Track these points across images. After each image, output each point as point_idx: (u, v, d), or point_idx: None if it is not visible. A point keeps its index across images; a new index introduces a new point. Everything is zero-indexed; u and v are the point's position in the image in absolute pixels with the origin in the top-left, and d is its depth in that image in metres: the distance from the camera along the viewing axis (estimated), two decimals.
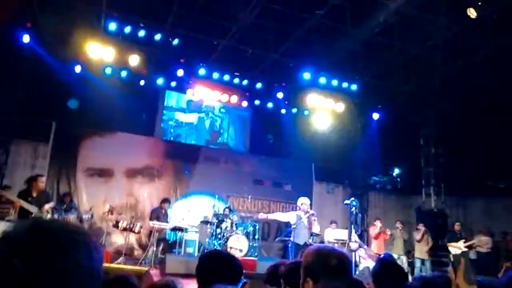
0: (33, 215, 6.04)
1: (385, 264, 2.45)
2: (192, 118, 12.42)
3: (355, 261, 10.27)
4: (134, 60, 10.07)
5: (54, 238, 0.80)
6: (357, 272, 9.20)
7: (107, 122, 10.41)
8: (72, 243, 0.81)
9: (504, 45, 8.81)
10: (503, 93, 10.26)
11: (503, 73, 9.73)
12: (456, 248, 9.76)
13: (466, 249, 9.78)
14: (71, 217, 7.92)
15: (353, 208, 7.00)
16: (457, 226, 9.95)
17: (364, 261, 10.17)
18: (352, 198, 7.38)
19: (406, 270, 10.17)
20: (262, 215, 8.35)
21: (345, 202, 7.43)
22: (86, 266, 0.80)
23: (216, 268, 1.86)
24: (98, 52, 9.62)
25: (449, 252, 10.25)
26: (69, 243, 0.80)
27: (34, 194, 6.25)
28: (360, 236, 12.74)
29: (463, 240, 9.74)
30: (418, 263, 10.47)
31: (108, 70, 10.41)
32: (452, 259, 9.49)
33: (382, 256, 9.36)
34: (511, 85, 9.87)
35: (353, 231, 7.69)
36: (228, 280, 1.80)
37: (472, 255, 10.11)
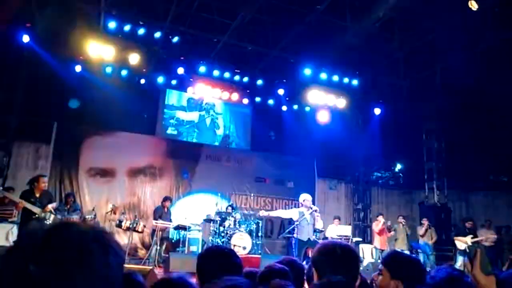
0: (36, 216, 6.04)
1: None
2: (193, 116, 12.40)
3: (359, 257, 10.31)
4: (134, 58, 10.03)
5: (70, 245, 0.79)
6: (361, 268, 9.21)
7: (108, 121, 10.39)
8: (88, 250, 0.79)
9: (504, 38, 8.76)
10: (505, 86, 10.21)
11: (503, 66, 9.68)
12: (463, 242, 9.74)
13: (471, 244, 9.76)
14: (74, 218, 7.91)
15: None
16: (468, 224, 9.92)
17: (369, 256, 10.18)
18: None
19: None
20: (263, 213, 8.31)
21: None
22: (102, 274, 0.80)
23: (216, 262, 1.85)
24: (98, 51, 9.58)
25: (454, 246, 10.23)
26: (85, 250, 0.79)
27: (37, 195, 6.23)
28: (364, 232, 12.79)
29: (471, 236, 9.71)
30: (422, 258, 10.45)
31: (108, 69, 10.39)
32: (467, 251, 9.47)
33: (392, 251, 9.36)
34: None
35: None
36: (229, 274, 1.80)
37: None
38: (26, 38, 9.22)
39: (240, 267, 1.89)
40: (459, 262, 9.90)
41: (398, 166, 14.92)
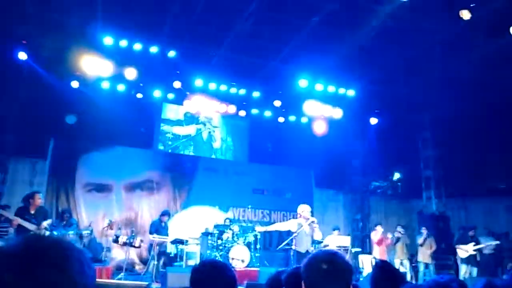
0: (31, 233, 5.99)
1: (381, 269, 2.42)
2: (189, 130, 12.41)
3: (358, 268, 10.22)
4: (131, 73, 10.07)
5: (47, 253, 0.80)
6: (361, 279, 9.12)
7: (105, 136, 10.39)
8: (65, 258, 0.81)
9: (498, 45, 8.84)
10: (501, 92, 10.28)
11: (499, 73, 9.75)
12: (464, 250, 9.70)
13: (474, 252, 9.73)
14: (71, 233, 7.85)
15: None
16: (471, 233, 9.91)
17: (368, 267, 10.10)
18: None
19: (409, 275, 10.13)
20: (259, 228, 8.22)
21: None
22: (79, 281, 0.81)
23: (209, 276, 1.83)
24: (94, 67, 9.63)
25: (454, 254, 10.19)
26: (62, 258, 0.81)
27: (32, 212, 6.20)
28: (363, 242, 12.72)
29: (473, 243, 9.68)
30: (421, 267, 10.39)
31: (105, 85, 10.42)
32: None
33: (377, 261, 9.31)
34: (508, 84, 9.90)
35: None
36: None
37: (477, 257, 10.06)
38: (22, 55, 9.26)
39: (233, 281, 1.87)
40: (463, 270, 9.85)
41: (396, 175, 14.90)
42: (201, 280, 1.85)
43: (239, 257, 8.94)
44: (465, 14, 7.92)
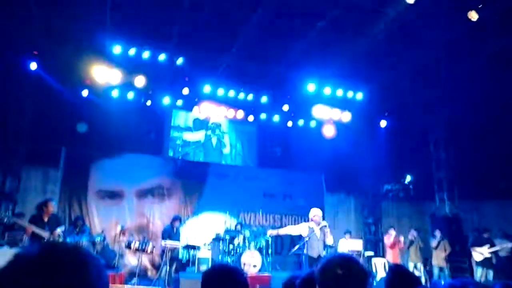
0: (45, 240, 6.06)
1: (396, 272, 2.40)
2: (199, 136, 12.47)
3: (372, 272, 10.13)
4: (140, 81, 10.19)
5: (65, 258, 0.83)
6: (374, 284, 9.05)
7: (115, 144, 10.49)
8: (83, 263, 0.84)
9: (506, 45, 8.76)
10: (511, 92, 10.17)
11: (509, 73, 9.65)
12: (479, 253, 9.56)
13: (489, 255, 9.58)
14: (84, 241, 7.92)
15: None
16: (486, 235, 9.77)
17: (381, 271, 10.01)
18: None
19: (424, 278, 10.01)
20: (271, 232, 8.16)
21: None
22: (95, 285, 0.84)
23: (219, 281, 1.84)
24: (104, 75, 9.77)
25: (469, 257, 10.04)
26: (80, 263, 0.84)
27: (45, 219, 6.27)
28: (375, 246, 12.61)
29: (488, 246, 9.53)
30: (436, 271, 10.26)
31: (115, 93, 10.54)
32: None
33: (392, 264, 9.23)
34: None
35: None
36: None
37: (493, 259, 9.91)
38: (33, 66, 9.43)
39: (245, 285, 1.87)
40: (479, 273, 9.70)
41: (408, 178, 14.75)
42: (212, 284, 1.85)
43: (251, 262, 8.93)
44: (473, 15, 7.87)
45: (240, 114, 11.92)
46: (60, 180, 10.23)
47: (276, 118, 12.18)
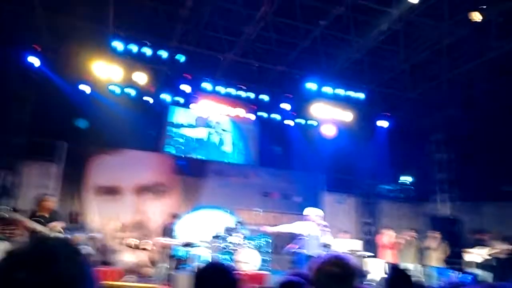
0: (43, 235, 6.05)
1: (397, 273, 2.40)
2: (201, 133, 12.47)
3: (369, 272, 10.12)
4: (141, 78, 10.17)
5: (58, 250, 0.85)
6: (374, 284, 9.03)
7: (115, 140, 10.49)
8: (76, 253, 0.88)
9: (508, 47, 8.72)
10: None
11: (510, 75, 9.63)
12: (478, 255, 9.55)
13: (489, 257, 9.56)
14: (82, 236, 7.91)
15: None
16: (485, 237, 9.76)
17: (374, 270, 10.01)
18: None
19: (422, 279, 9.99)
20: (266, 228, 8.11)
21: None
22: (89, 274, 0.88)
23: (212, 279, 1.83)
24: (105, 71, 9.76)
25: (467, 259, 10.03)
26: (73, 253, 0.87)
27: (44, 214, 6.26)
28: (374, 246, 12.59)
29: (488, 248, 9.52)
30: (434, 272, 10.24)
31: (116, 89, 10.53)
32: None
33: (393, 265, 9.22)
34: None
35: None
36: None
37: (493, 262, 9.90)
38: (35, 60, 9.42)
39: (237, 284, 1.86)
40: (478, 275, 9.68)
41: (408, 179, 14.75)
42: (204, 282, 1.85)
43: (249, 261, 8.92)
44: (476, 16, 7.85)
45: (241, 112, 11.91)
46: (61, 176, 10.22)
47: (277, 116, 12.16)
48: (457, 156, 12.58)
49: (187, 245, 9.22)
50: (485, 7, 7.84)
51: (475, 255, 9.62)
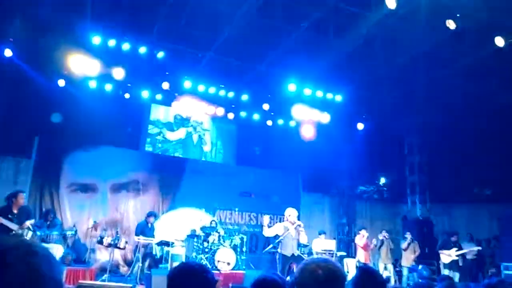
0: (13, 232, 5.89)
1: (364, 272, 2.44)
2: (180, 133, 12.35)
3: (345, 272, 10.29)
4: (119, 73, 10.00)
5: (13, 252, 0.81)
6: (345, 282, 9.17)
7: (91, 136, 10.27)
8: (31, 254, 0.83)
9: (482, 55, 9.01)
10: (486, 100, 10.48)
11: (484, 81, 9.94)
12: (447, 255, 9.82)
13: (457, 258, 9.85)
14: (55, 234, 7.74)
15: None
16: (454, 238, 10.04)
17: (353, 271, 10.17)
18: None
19: (393, 279, 10.22)
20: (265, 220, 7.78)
21: None
22: (48, 275, 0.83)
23: (186, 280, 1.82)
24: (82, 66, 9.54)
25: (438, 259, 10.31)
26: (28, 254, 0.83)
27: (15, 211, 6.10)
28: (348, 246, 12.81)
29: (455, 249, 9.81)
30: (405, 272, 10.50)
31: (92, 84, 10.32)
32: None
33: (360, 264, 9.41)
34: (493, 92, 10.11)
35: None
36: None
37: (460, 262, 10.20)
38: (8, 52, 9.13)
39: (212, 283, 1.86)
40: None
41: (382, 180, 15.05)
42: (177, 283, 1.83)
43: (225, 260, 8.93)
44: (452, 24, 8.07)
45: (220, 111, 11.87)
46: (31, 171, 9.95)
47: (256, 116, 12.19)
48: (430, 159, 12.91)
49: (163, 244, 9.15)
50: (458, 15, 8.06)
51: (444, 255, 9.90)
